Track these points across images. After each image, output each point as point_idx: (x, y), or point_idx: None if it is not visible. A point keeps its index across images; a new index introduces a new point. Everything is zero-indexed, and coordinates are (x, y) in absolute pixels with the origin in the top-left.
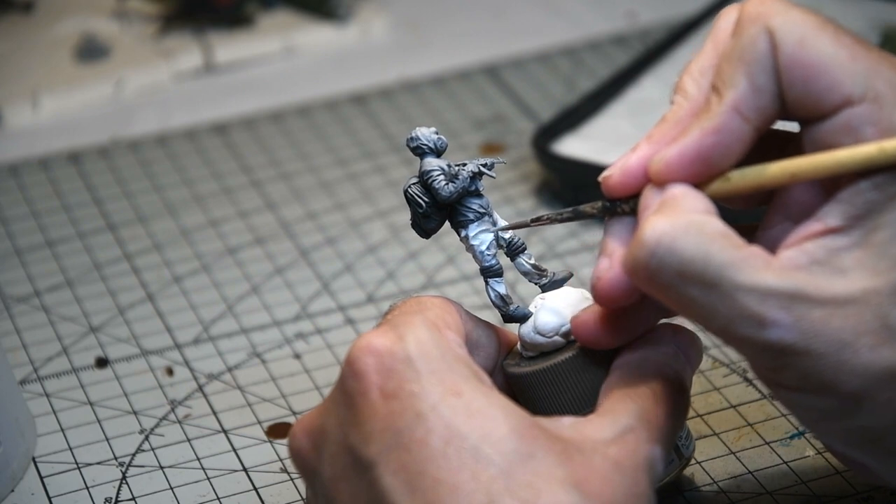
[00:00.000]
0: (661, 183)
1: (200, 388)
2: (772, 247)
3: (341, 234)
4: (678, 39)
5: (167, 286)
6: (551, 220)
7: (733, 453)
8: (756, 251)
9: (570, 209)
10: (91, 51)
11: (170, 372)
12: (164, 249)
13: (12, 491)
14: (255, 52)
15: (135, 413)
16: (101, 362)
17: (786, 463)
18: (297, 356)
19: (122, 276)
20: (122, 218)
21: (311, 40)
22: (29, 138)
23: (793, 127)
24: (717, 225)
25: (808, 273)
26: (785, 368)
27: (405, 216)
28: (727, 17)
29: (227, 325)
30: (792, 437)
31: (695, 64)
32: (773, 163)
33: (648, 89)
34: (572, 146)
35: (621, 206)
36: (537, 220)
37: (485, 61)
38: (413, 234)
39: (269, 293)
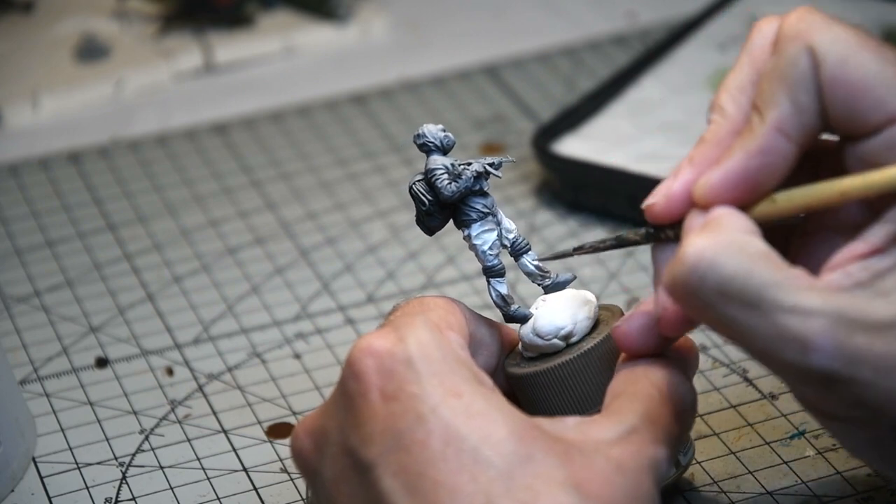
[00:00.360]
0: (706, 207)
1: (200, 388)
2: (811, 258)
3: (341, 234)
4: (678, 39)
5: (167, 286)
6: (594, 249)
7: (733, 453)
8: (799, 273)
9: (613, 237)
10: (91, 51)
11: (170, 372)
12: (164, 249)
13: (12, 491)
14: (255, 52)
15: (135, 413)
16: (101, 362)
17: (786, 463)
18: (297, 356)
19: (122, 276)
20: (122, 218)
21: (311, 40)
22: (29, 138)
23: (832, 137)
24: (759, 245)
25: (851, 296)
26: (830, 397)
27: (405, 216)
28: (762, 31)
29: (227, 325)
30: (792, 437)
31: (731, 80)
32: (819, 183)
33: (648, 89)
34: (572, 146)
35: (665, 232)
36: (579, 249)
37: (485, 61)
38: (413, 234)
39: (269, 293)
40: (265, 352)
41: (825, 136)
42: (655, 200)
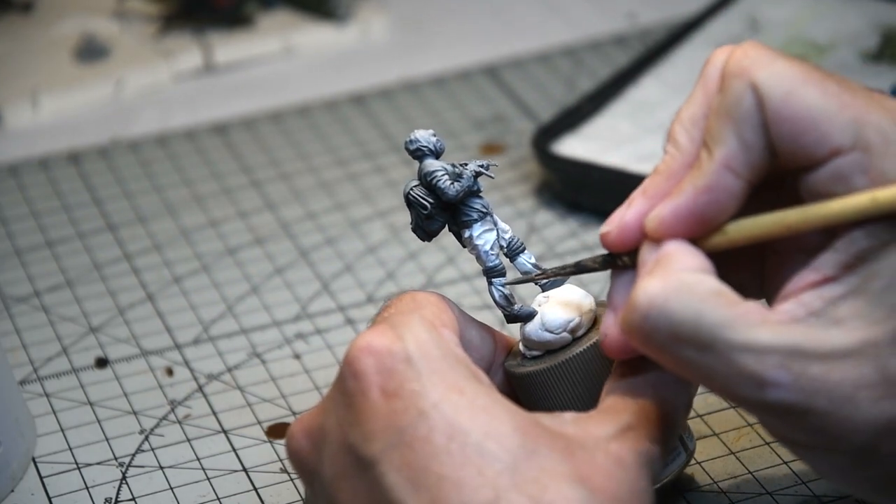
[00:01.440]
0: (657, 240)
1: (200, 388)
2: (785, 275)
3: (341, 234)
4: (678, 39)
5: (167, 286)
6: (556, 274)
7: (733, 453)
8: (751, 307)
9: (572, 264)
10: (91, 51)
11: (170, 372)
12: (164, 249)
13: (12, 491)
14: (255, 52)
15: (135, 413)
16: (101, 362)
17: (786, 463)
18: (297, 356)
19: (122, 276)
20: (122, 218)
21: (311, 40)
22: (29, 138)
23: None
24: (709, 283)
25: (805, 326)
26: (793, 427)
27: (405, 216)
28: (715, 63)
29: (227, 325)
30: None
31: (685, 112)
32: (768, 214)
33: (648, 89)
34: (572, 146)
35: (622, 258)
36: (541, 275)
37: (485, 61)
38: (413, 234)
39: (269, 293)
40: (265, 352)
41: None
42: (609, 230)
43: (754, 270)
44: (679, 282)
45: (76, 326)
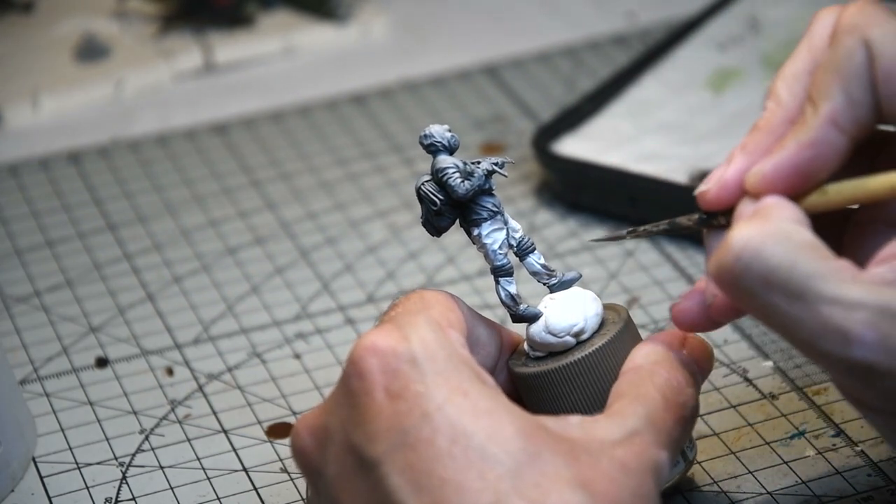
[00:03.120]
0: (757, 196)
1: (200, 388)
2: (862, 249)
3: (341, 234)
4: (678, 39)
5: (167, 286)
6: (648, 233)
7: (733, 453)
8: (845, 264)
9: (666, 221)
10: (91, 51)
11: (170, 372)
12: (164, 249)
13: (12, 491)
14: (255, 52)
15: (135, 413)
16: (101, 362)
17: (786, 463)
18: (297, 356)
19: (122, 276)
20: (122, 218)
21: (311, 40)
22: (29, 138)
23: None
24: (806, 235)
25: None
26: (870, 388)
27: (405, 216)
28: (823, 20)
29: (227, 325)
30: (792, 437)
31: (789, 68)
32: (872, 176)
33: (648, 89)
34: (572, 146)
35: (718, 218)
36: (633, 232)
37: (485, 61)
38: (413, 234)
39: (269, 293)
40: (265, 352)
41: (884, 127)
42: (708, 187)
43: (834, 241)
44: (777, 228)
45: (76, 326)
